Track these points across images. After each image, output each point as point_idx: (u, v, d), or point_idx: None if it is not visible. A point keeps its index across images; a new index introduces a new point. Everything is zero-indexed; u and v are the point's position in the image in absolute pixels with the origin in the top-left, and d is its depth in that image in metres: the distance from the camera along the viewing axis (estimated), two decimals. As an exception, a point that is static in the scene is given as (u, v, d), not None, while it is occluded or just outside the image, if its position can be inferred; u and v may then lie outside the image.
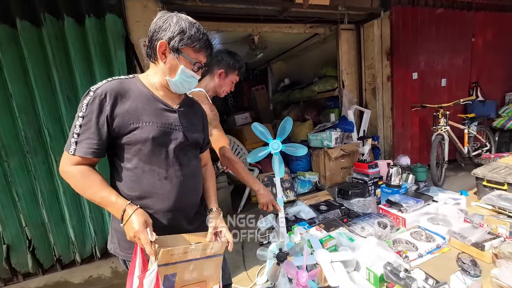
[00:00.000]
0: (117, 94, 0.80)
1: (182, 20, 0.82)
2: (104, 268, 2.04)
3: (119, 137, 0.81)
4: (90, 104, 0.77)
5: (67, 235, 2.02)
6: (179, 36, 0.81)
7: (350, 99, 3.41)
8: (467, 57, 3.64)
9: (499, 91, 3.96)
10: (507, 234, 1.72)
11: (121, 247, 0.87)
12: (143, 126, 0.82)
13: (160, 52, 0.83)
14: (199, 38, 0.83)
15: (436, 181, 2.88)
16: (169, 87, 0.89)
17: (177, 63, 0.84)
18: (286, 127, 1.59)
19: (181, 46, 0.82)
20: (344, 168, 3.16)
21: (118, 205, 0.78)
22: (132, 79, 0.88)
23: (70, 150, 0.77)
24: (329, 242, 1.75)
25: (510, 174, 2.27)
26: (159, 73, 0.88)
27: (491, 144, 3.46)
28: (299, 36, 3.76)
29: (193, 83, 0.91)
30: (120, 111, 0.80)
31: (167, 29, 0.81)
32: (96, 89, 0.79)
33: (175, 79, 0.86)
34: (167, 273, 0.75)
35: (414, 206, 2.14)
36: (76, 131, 0.77)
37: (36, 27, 1.79)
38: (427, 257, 1.73)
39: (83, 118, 0.77)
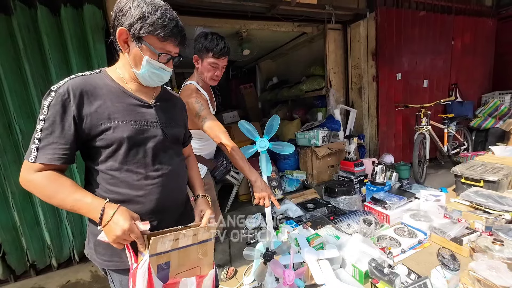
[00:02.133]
0: (82, 92, 0.72)
1: (145, 2, 0.71)
2: (83, 272, 1.94)
3: (90, 139, 0.73)
4: (52, 106, 0.68)
5: (42, 238, 1.90)
6: (140, 22, 0.70)
7: (337, 98, 3.45)
8: (447, 59, 3.79)
9: (476, 92, 4.15)
10: (483, 229, 1.80)
11: (98, 252, 0.80)
12: (115, 126, 0.74)
13: (121, 40, 0.74)
14: (163, 24, 0.72)
15: (418, 179, 2.98)
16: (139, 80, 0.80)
17: (141, 54, 0.74)
18: (273, 125, 1.57)
19: (143, 34, 0.71)
20: (331, 167, 3.20)
21: (94, 205, 0.69)
22: (99, 74, 0.79)
23: (31, 158, 0.68)
24: (316, 240, 1.76)
25: (485, 172, 2.38)
26: (126, 65, 0.78)
27: (468, 143, 3.62)
28: (287, 34, 3.76)
29: (165, 75, 0.81)
30: (88, 111, 0.72)
31: (127, 13, 0.70)
32: (57, 88, 0.70)
33: (141, 72, 0.77)
34: (160, 262, 0.72)
35: (397, 203, 2.20)
36: (37, 136, 0.68)
37: (5, 15, 1.65)
38: (409, 253, 1.78)
39: (44, 121, 0.68)
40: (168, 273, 0.74)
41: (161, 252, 0.72)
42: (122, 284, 0.82)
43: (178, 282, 0.78)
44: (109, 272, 0.83)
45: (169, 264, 0.74)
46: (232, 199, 2.90)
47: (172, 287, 0.76)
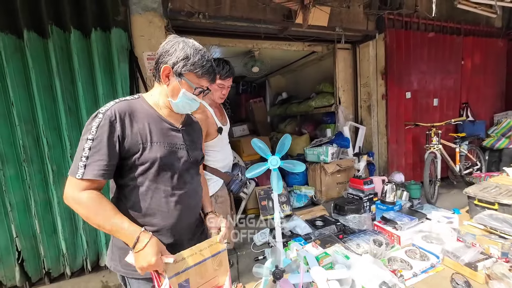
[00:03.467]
0: (126, 115, 0.82)
1: (188, 46, 0.86)
2: (94, 282, 1.98)
3: (128, 157, 0.82)
4: (100, 126, 0.77)
5: (58, 247, 1.97)
6: (183, 62, 0.85)
7: (346, 115, 3.49)
8: (457, 79, 3.81)
9: (488, 111, 4.12)
10: (499, 255, 1.75)
11: (122, 264, 0.86)
12: (151, 146, 0.84)
13: (164, 75, 0.87)
14: (202, 64, 0.86)
15: (429, 199, 2.93)
16: (172, 107, 0.92)
17: (179, 87, 0.87)
18: (285, 143, 1.62)
19: (184, 71, 0.86)
20: (339, 183, 3.20)
21: (130, 231, 0.76)
22: (138, 100, 0.90)
23: (78, 174, 0.75)
24: (325, 259, 1.75)
25: (500, 194, 2.33)
26: (163, 94, 0.91)
27: (481, 163, 3.56)
28: (298, 53, 3.89)
29: (194, 105, 0.93)
30: (130, 131, 0.82)
31: (173, 54, 0.85)
32: (105, 111, 0.80)
33: (176, 101, 0.89)
34: (180, 281, 0.78)
35: (408, 223, 2.17)
36: (85, 154, 0.76)
37: (42, 38, 1.82)
38: (421, 276, 1.74)
39: (92, 141, 0.76)
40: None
41: (179, 271, 0.78)
42: None
43: None
44: (130, 281, 0.89)
45: (188, 281, 0.80)
46: (240, 213, 2.92)
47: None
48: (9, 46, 1.74)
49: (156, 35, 2.20)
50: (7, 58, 1.74)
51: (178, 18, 2.40)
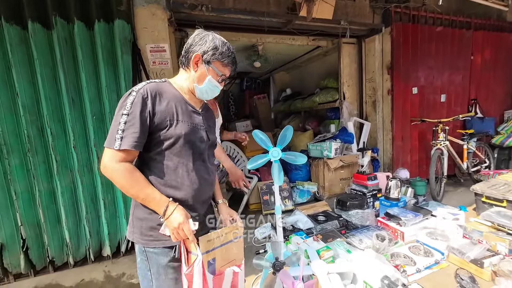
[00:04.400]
0: (156, 93, 0.90)
1: (217, 38, 0.96)
2: (97, 271, 2.01)
3: (155, 131, 0.89)
4: (134, 103, 0.85)
5: (62, 236, 2.00)
6: (212, 51, 0.94)
7: (350, 111, 3.44)
8: (466, 74, 3.71)
9: (497, 108, 4.00)
10: (507, 252, 1.70)
11: (143, 234, 0.92)
12: (177, 123, 0.92)
13: (194, 62, 0.95)
14: (228, 55, 0.97)
15: (435, 196, 2.87)
16: (194, 93, 1.00)
17: (206, 73, 0.96)
18: (286, 135, 1.60)
19: (213, 60, 0.95)
20: (343, 179, 3.16)
21: (161, 202, 0.87)
22: (165, 83, 0.98)
23: (115, 145, 0.82)
24: (326, 253, 1.73)
25: (509, 191, 2.26)
26: (189, 80, 0.99)
27: (490, 161, 3.47)
28: (302, 47, 3.85)
29: (216, 91, 1.02)
30: (159, 108, 0.89)
31: (203, 44, 0.94)
32: (138, 89, 0.88)
33: (201, 87, 0.98)
34: (209, 259, 0.89)
35: (412, 220, 2.13)
36: (121, 128, 0.83)
37: (46, 29, 1.84)
38: (425, 272, 1.70)
39: (127, 115, 0.84)
40: (215, 268, 0.92)
41: (209, 250, 0.89)
42: (159, 266, 0.92)
43: (223, 273, 0.94)
44: (148, 254, 0.92)
45: (214, 260, 0.91)
46: (242, 207, 2.92)
47: (219, 278, 0.93)
48: (14, 37, 1.76)
49: (159, 28, 2.19)
50: (13, 49, 1.77)
51: (181, 11, 2.39)
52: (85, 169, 2.02)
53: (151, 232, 0.91)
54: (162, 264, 0.92)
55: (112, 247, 2.14)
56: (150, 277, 0.93)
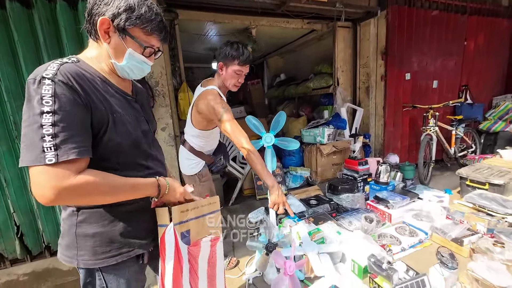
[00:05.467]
0: (82, 78, 0.66)
1: None
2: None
3: (95, 131, 0.68)
4: (58, 95, 0.59)
5: (56, 222, 2.00)
6: (126, 14, 0.68)
7: (344, 97, 3.45)
8: (458, 60, 3.73)
9: (487, 94, 4.08)
10: (485, 231, 1.80)
11: (97, 253, 0.74)
12: (117, 119, 0.71)
13: (102, 30, 0.69)
14: (150, 18, 0.71)
15: (422, 180, 2.98)
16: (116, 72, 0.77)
17: (124, 46, 0.72)
18: (279, 121, 1.61)
19: (128, 26, 0.70)
20: (335, 165, 3.23)
21: (150, 184, 0.75)
22: (82, 63, 0.71)
23: (49, 159, 0.56)
24: (317, 234, 1.80)
25: (492, 175, 2.37)
26: (104, 55, 0.74)
27: (476, 146, 3.58)
28: (297, 31, 3.76)
29: (146, 69, 0.80)
30: (92, 100, 0.66)
31: (110, 3, 0.68)
32: (53, 75, 0.60)
33: (122, 64, 0.74)
34: (182, 230, 0.82)
35: (400, 202, 2.22)
36: (47, 132, 0.57)
37: (26, 8, 1.73)
38: (409, 251, 1.80)
39: (53, 113, 0.58)
40: (189, 240, 0.86)
41: (183, 221, 0.82)
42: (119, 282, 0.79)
43: (199, 244, 0.89)
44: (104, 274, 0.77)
45: (189, 232, 0.85)
46: (236, 193, 2.97)
47: (195, 248, 0.87)
48: (-9, 17, 1.66)
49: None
50: (-9, 30, 1.67)
51: (169, -10, 2.29)
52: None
53: (109, 246, 0.74)
54: (124, 278, 0.79)
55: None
56: None
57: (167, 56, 2.46)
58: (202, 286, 0.90)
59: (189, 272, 0.84)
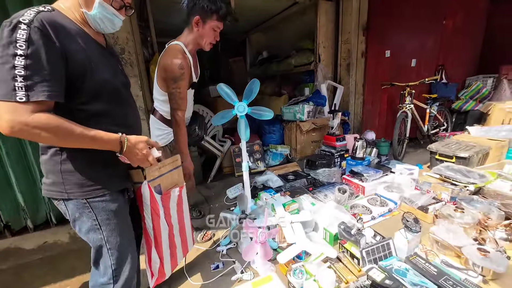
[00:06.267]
0: (57, 27, 0.68)
1: None
2: (61, 234, 1.95)
3: (73, 79, 0.72)
4: (32, 41, 0.62)
5: (15, 200, 1.86)
6: None
7: (325, 74, 3.40)
8: (437, 39, 3.76)
9: (461, 74, 4.21)
10: (448, 199, 1.91)
11: (83, 186, 0.81)
12: (96, 68, 0.75)
13: None
14: None
15: (396, 156, 3.09)
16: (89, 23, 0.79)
17: None
18: (253, 89, 1.54)
19: None
20: (314, 142, 3.24)
21: (112, 138, 0.77)
22: (56, 13, 0.72)
23: (19, 97, 0.61)
24: (291, 206, 1.82)
25: (459, 149, 2.48)
26: (76, 5, 0.76)
27: (448, 124, 3.74)
28: (279, 3, 3.58)
29: (117, 22, 0.82)
30: (68, 48, 0.69)
31: None
32: (29, 21, 0.63)
33: (92, 13, 0.76)
34: (154, 185, 1.01)
35: (373, 176, 2.28)
36: (19, 73, 0.61)
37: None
38: (379, 219, 1.88)
39: (26, 57, 0.62)
40: (161, 190, 1.07)
41: (153, 178, 1.00)
42: (108, 212, 0.86)
43: (169, 192, 1.12)
44: (92, 205, 0.83)
45: (160, 186, 1.05)
46: (215, 170, 2.92)
47: (166, 196, 1.10)
48: None
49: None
50: None
51: None
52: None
53: (94, 180, 0.82)
54: (112, 209, 0.86)
55: (76, 210, 2.07)
56: (97, 226, 0.85)
57: (134, 23, 2.24)
58: (175, 231, 1.18)
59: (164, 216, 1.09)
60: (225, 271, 1.45)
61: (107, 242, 0.86)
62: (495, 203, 1.69)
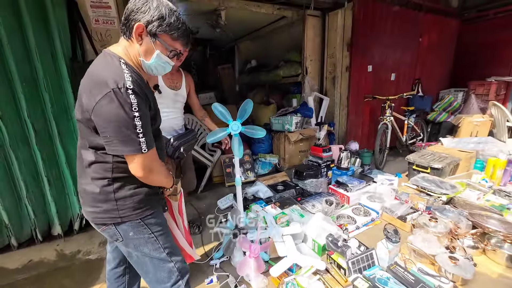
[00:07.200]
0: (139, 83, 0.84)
1: (163, 5, 0.83)
2: (47, 251, 1.89)
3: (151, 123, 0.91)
4: (139, 103, 0.78)
5: (-2, 218, 1.80)
6: (158, 22, 0.82)
7: (311, 86, 3.55)
8: (413, 55, 4.05)
9: (435, 88, 4.55)
10: (424, 209, 2.09)
11: (136, 209, 0.93)
12: (156, 113, 0.94)
13: (137, 33, 0.83)
14: (178, 27, 0.85)
15: (378, 165, 3.28)
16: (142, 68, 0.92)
17: (153, 48, 0.86)
18: (246, 109, 1.61)
19: (159, 32, 0.84)
20: (302, 151, 3.37)
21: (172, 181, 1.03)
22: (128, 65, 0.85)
23: (144, 149, 0.81)
24: (282, 218, 1.90)
25: (433, 160, 2.70)
26: (135, 53, 0.88)
27: (424, 134, 4.02)
28: (267, 16, 3.70)
29: (167, 68, 0.94)
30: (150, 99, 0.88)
31: (146, 12, 0.81)
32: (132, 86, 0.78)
33: (149, 62, 0.88)
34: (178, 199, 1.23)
35: (357, 186, 2.43)
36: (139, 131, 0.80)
37: None
38: (363, 229, 2.01)
39: (140, 118, 0.79)
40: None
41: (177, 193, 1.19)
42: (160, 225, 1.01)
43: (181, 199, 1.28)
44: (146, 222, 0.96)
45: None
46: (205, 180, 2.95)
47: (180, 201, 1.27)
48: None
49: (99, -23, 1.87)
50: None
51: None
52: (19, 143, 1.76)
53: (144, 202, 0.95)
54: (160, 222, 1.01)
55: (63, 225, 2.02)
56: (154, 238, 0.97)
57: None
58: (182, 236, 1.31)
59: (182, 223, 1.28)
60: (220, 286, 1.49)
61: (164, 249, 1.00)
62: (464, 213, 1.88)
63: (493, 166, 2.43)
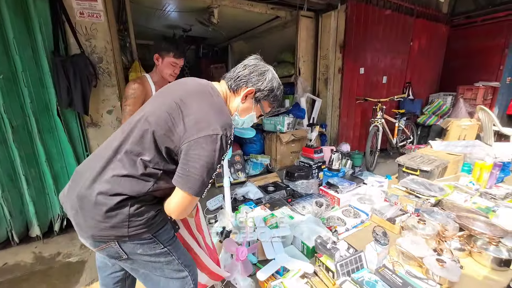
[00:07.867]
0: None
1: (275, 79, 0.97)
2: (24, 254, 1.80)
3: None
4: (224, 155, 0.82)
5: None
6: (267, 92, 0.95)
7: (304, 87, 3.55)
8: (405, 59, 4.11)
9: (425, 91, 4.62)
10: (413, 211, 2.09)
11: (148, 224, 0.87)
12: None
13: (245, 94, 0.95)
14: (278, 98, 1.01)
15: (368, 167, 3.29)
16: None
17: (252, 109, 0.99)
18: (235, 108, 1.58)
19: (263, 100, 0.97)
20: (293, 152, 3.35)
21: None
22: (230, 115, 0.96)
23: (200, 195, 0.82)
24: (271, 220, 1.87)
25: (422, 162, 2.72)
26: (232, 105, 0.98)
27: (414, 137, 4.08)
28: (261, 16, 3.67)
29: (249, 125, 1.07)
30: None
31: (261, 82, 0.94)
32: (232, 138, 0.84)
33: (242, 119, 1.01)
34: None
35: (348, 187, 2.42)
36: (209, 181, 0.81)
37: None
38: (352, 231, 2.00)
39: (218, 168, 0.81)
40: None
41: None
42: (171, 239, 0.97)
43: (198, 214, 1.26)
44: (158, 237, 0.91)
45: None
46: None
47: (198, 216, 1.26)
48: None
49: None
50: None
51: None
52: (-5, 140, 1.67)
53: (155, 218, 0.90)
54: (172, 235, 0.99)
55: (42, 226, 1.93)
56: (167, 251, 0.94)
57: (114, 30, 2.17)
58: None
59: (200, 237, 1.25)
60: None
61: (178, 259, 0.97)
62: (451, 215, 1.89)
63: (480, 169, 2.47)
